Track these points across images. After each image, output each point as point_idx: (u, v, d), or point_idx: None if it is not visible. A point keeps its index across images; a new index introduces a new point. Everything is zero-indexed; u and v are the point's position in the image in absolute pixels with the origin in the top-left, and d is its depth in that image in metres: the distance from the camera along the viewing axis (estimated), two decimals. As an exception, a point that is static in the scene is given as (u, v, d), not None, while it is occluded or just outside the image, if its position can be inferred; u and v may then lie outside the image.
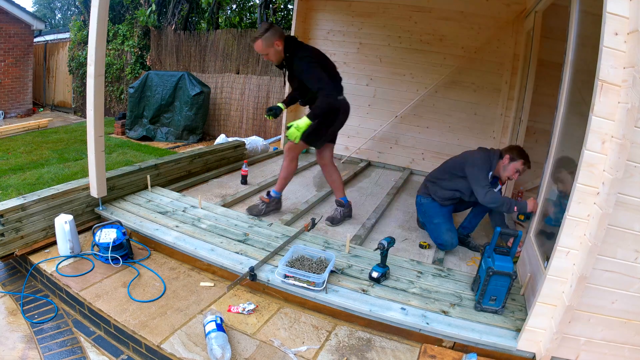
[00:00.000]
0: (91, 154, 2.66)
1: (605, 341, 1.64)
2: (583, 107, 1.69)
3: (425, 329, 1.93)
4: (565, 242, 1.62)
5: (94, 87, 2.53)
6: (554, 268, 1.66)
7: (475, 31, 4.48)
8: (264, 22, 2.64)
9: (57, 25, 18.82)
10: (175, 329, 1.91)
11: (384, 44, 4.99)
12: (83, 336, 2.03)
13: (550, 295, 1.69)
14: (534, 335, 1.77)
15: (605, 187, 1.47)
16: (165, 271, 2.41)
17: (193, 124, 7.26)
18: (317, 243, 2.64)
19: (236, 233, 2.66)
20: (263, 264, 2.30)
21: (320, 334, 1.99)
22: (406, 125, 5.08)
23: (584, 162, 1.53)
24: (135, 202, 2.99)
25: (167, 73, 7.46)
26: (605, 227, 1.46)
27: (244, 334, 1.92)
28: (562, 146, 2.23)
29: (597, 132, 1.49)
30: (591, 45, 1.61)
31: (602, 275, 1.54)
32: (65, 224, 2.38)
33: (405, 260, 2.53)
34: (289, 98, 3.16)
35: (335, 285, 2.17)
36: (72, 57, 9.68)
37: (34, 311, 2.17)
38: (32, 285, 2.40)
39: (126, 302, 2.08)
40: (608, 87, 1.45)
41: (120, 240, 2.41)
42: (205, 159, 4.10)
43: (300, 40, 2.90)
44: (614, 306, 1.58)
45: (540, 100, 3.92)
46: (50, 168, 5.02)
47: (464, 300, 2.14)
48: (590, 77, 1.54)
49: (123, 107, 9.04)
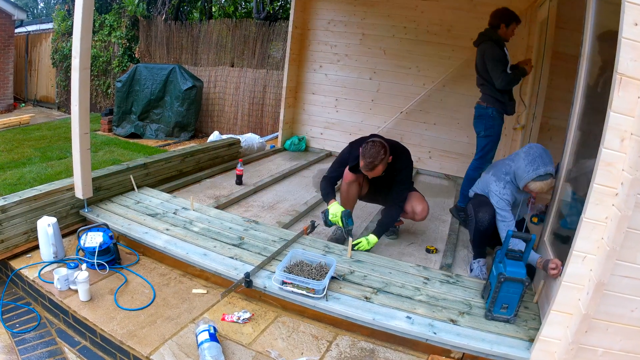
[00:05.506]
0: (76, 152, 2.66)
1: (625, 352, 1.64)
2: (600, 102, 1.69)
3: (433, 338, 1.93)
4: (582, 246, 1.62)
5: (79, 81, 2.53)
6: (570, 274, 1.65)
7: (485, 21, 4.43)
8: (375, 142, 2.51)
9: (40, 15, 18.85)
10: (165, 339, 1.91)
11: (389, 35, 5.00)
12: (67, 346, 2.03)
13: (565, 303, 1.69)
14: (548, 346, 1.76)
15: (624, 187, 1.47)
16: (155, 277, 2.41)
17: (184, 121, 7.26)
18: (317, 247, 2.64)
19: (231, 237, 2.66)
20: (259, 269, 2.30)
21: (321, 344, 1.99)
22: (412, 122, 5.09)
23: (601, 161, 1.53)
24: (123, 204, 3.00)
25: (157, 66, 7.46)
26: (625, 231, 1.46)
27: (239, 344, 1.92)
28: (578, 144, 2.23)
29: (615, 128, 1.49)
30: (609, 37, 1.61)
31: (621, 281, 1.53)
32: (49, 227, 2.38)
33: (411, 265, 2.53)
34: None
35: (337, 292, 2.17)
36: (56, 49, 9.67)
37: (15, 320, 2.17)
38: (12, 292, 2.39)
39: (113, 311, 2.08)
40: (627, 81, 1.45)
41: (107, 245, 2.41)
42: (198, 158, 4.10)
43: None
44: (633, 314, 1.58)
45: (555, 95, 3.92)
46: (32, 167, 5.02)
47: (474, 308, 2.14)
48: (609, 70, 1.54)
49: (110, 103, 9.04)
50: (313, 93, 5.61)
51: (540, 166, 2.24)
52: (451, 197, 4.20)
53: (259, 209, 3.45)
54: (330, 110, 5.55)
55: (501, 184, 2.42)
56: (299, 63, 5.56)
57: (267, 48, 7.53)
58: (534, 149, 2.33)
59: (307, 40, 5.47)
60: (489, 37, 3.17)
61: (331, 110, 5.55)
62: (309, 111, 5.70)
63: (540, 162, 2.26)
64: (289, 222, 3.14)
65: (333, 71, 5.42)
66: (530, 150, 2.34)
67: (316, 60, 5.49)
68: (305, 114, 5.72)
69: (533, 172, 2.25)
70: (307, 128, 5.76)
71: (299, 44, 5.46)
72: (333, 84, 5.46)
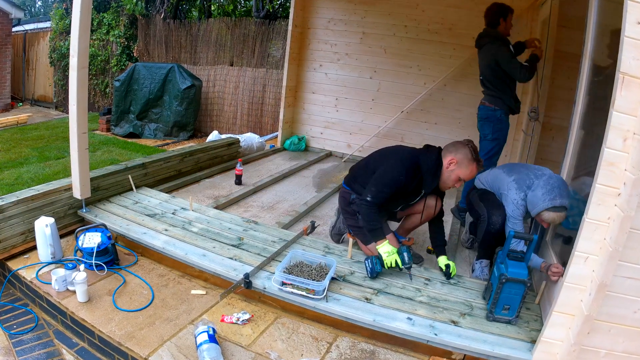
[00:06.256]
0: (74, 152, 2.66)
1: (627, 353, 1.64)
2: (603, 101, 1.69)
3: (434, 340, 1.93)
4: (584, 247, 1.62)
5: (77, 80, 2.53)
6: (572, 275, 1.66)
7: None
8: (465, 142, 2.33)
9: (38, 14, 18.85)
10: (164, 340, 1.91)
11: (389, 34, 5.00)
12: (65, 348, 2.03)
13: (567, 304, 1.69)
14: (550, 347, 1.77)
15: (627, 187, 1.47)
16: (154, 278, 2.41)
17: (183, 120, 7.26)
18: (317, 248, 2.64)
19: (230, 237, 2.66)
20: (259, 270, 2.31)
21: (321, 345, 1.99)
22: (413, 121, 5.09)
23: (604, 161, 1.53)
24: (121, 204, 3.00)
25: (155, 65, 7.46)
26: (627, 231, 1.46)
27: (238, 346, 1.92)
28: (581, 144, 2.23)
29: (618, 128, 1.49)
30: (612, 35, 1.61)
31: (624, 282, 1.53)
32: (46, 228, 2.38)
33: (412, 266, 2.52)
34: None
35: (337, 293, 2.17)
36: (54, 48, 9.67)
37: (13, 321, 2.17)
38: (10, 293, 2.40)
39: (112, 312, 2.08)
40: (630, 80, 1.45)
41: (105, 245, 2.41)
42: (197, 158, 4.10)
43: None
44: (636, 316, 1.58)
45: (557, 94, 3.92)
46: (29, 167, 5.02)
47: (475, 309, 2.14)
48: (611, 69, 1.54)
49: (108, 102, 9.04)
50: (313, 92, 5.61)
51: (557, 197, 2.19)
52: (452, 197, 4.20)
53: (259, 209, 3.45)
54: (331, 110, 5.55)
55: (522, 194, 2.35)
56: (299, 62, 5.56)
57: (266, 47, 7.52)
58: (554, 180, 2.27)
59: (307, 39, 5.47)
60: (493, 37, 3.15)
61: (331, 109, 5.55)
62: (308, 110, 5.70)
63: (557, 192, 2.20)
64: (288, 222, 3.14)
65: (333, 70, 5.42)
66: (549, 180, 2.28)
67: (316, 59, 5.49)
68: (305, 113, 5.72)
69: (549, 201, 2.19)
70: (307, 127, 5.76)
71: (299, 42, 5.46)
72: (333, 83, 5.46)
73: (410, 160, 2.38)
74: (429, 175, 2.37)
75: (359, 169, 2.65)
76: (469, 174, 2.35)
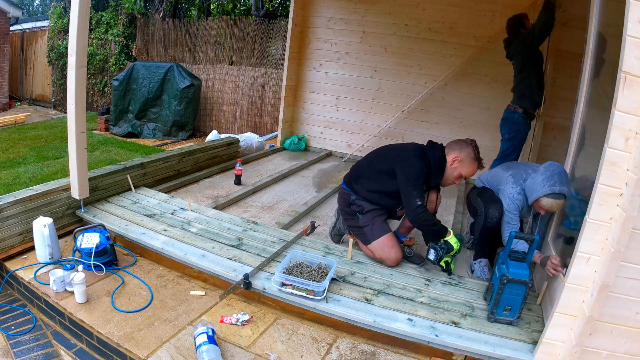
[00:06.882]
0: (72, 152, 2.66)
1: (630, 355, 1.64)
2: (605, 101, 1.69)
3: (434, 341, 1.93)
4: (586, 247, 1.62)
5: (76, 80, 2.53)
6: (574, 275, 1.65)
7: (488, 19, 4.48)
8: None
9: (36, 13, 18.85)
10: (163, 341, 1.91)
11: (390, 33, 5.00)
12: (64, 349, 2.03)
13: (569, 305, 1.69)
14: (552, 348, 1.77)
15: (629, 187, 1.47)
16: (153, 279, 2.41)
17: (182, 120, 7.26)
18: (317, 248, 2.64)
19: (229, 237, 2.66)
20: (258, 271, 2.30)
21: (321, 346, 1.99)
22: (413, 121, 5.09)
23: (606, 161, 1.53)
24: (120, 204, 3.00)
25: (154, 64, 7.46)
26: (629, 232, 1.46)
27: (237, 347, 1.92)
28: (582, 144, 2.23)
29: (620, 128, 1.49)
30: (614, 35, 1.61)
31: (626, 283, 1.53)
32: (44, 228, 2.38)
33: (413, 267, 2.53)
34: None
35: (337, 294, 2.17)
36: (52, 47, 9.67)
37: (11, 322, 2.17)
38: (8, 294, 2.39)
39: (110, 313, 2.08)
40: (632, 80, 1.45)
41: (104, 246, 2.41)
42: (196, 158, 4.10)
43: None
44: (638, 317, 1.58)
45: (559, 94, 3.92)
46: (27, 167, 5.02)
47: (476, 310, 2.14)
48: (613, 68, 1.54)
49: (107, 101, 9.04)
50: (313, 92, 5.61)
51: (557, 184, 2.19)
52: (453, 197, 4.20)
53: (258, 210, 3.45)
54: (331, 109, 5.55)
55: (518, 188, 2.39)
56: (299, 61, 5.56)
57: (266, 46, 7.53)
58: (554, 167, 2.28)
59: (307, 38, 5.47)
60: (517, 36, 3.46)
61: (331, 109, 5.55)
62: (308, 110, 5.70)
63: (557, 179, 2.21)
64: (288, 222, 3.14)
65: (333, 69, 5.42)
66: (550, 167, 2.28)
67: (316, 59, 5.49)
68: (305, 113, 5.72)
69: (549, 187, 2.20)
70: (307, 127, 5.76)
71: (299, 42, 5.46)
72: (333, 82, 5.46)
73: (423, 155, 2.46)
74: (435, 170, 2.45)
75: (359, 169, 2.66)
76: (470, 172, 2.45)
